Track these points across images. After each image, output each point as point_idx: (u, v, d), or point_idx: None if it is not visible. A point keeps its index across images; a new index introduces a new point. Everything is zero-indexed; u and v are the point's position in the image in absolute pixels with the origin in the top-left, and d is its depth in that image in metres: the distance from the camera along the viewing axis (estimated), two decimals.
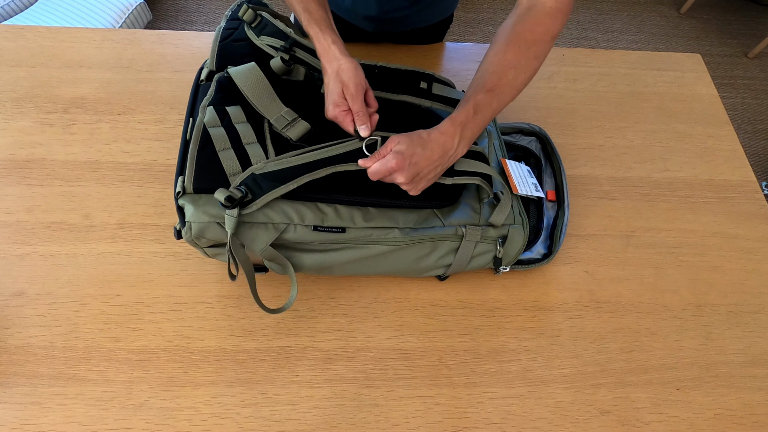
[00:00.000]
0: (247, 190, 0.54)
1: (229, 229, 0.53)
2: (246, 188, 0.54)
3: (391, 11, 0.84)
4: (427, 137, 0.55)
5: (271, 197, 0.54)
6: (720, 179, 0.84)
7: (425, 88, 0.69)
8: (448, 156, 0.56)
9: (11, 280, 0.66)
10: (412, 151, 0.53)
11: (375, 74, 0.68)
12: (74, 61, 0.87)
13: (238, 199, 0.53)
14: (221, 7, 2.17)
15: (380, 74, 0.69)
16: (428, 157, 0.54)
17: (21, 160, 0.75)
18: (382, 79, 0.68)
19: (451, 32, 2.19)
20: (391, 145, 0.55)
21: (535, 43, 0.59)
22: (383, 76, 0.69)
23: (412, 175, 0.54)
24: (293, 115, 0.61)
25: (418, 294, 0.69)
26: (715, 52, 2.26)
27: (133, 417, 0.58)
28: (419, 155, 0.54)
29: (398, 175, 0.54)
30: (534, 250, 0.72)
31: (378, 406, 0.61)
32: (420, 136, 0.55)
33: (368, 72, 0.68)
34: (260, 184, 0.55)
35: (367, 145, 0.58)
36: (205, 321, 0.65)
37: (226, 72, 0.64)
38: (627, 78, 0.95)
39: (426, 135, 0.55)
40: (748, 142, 1.98)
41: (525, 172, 0.72)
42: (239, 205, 0.53)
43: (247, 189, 0.54)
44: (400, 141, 0.54)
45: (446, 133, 0.56)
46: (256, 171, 0.55)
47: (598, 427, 0.62)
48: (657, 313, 0.70)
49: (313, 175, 0.55)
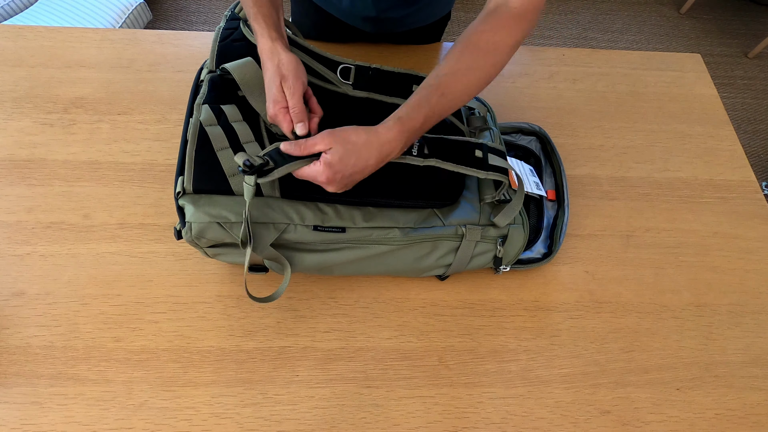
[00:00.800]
0: (269, 159, 0.52)
1: (248, 197, 0.52)
2: (269, 158, 0.52)
3: (388, 11, 0.84)
4: (365, 141, 0.51)
5: (291, 169, 0.52)
6: (720, 179, 0.84)
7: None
8: (384, 161, 0.53)
9: (11, 280, 0.66)
10: (345, 164, 0.51)
11: (369, 76, 0.68)
12: (74, 61, 0.87)
13: (258, 166, 0.50)
14: (221, 7, 2.17)
15: (373, 76, 0.69)
16: (362, 165, 0.51)
17: (21, 160, 0.75)
18: (375, 81, 0.68)
19: (450, 32, 2.19)
20: (320, 146, 0.51)
21: (492, 53, 0.57)
22: (376, 78, 0.69)
23: (341, 186, 0.53)
24: None
25: (418, 294, 0.69)
26: (715, 52, 2.26)
27: (133, 417, 0.58)
28: (352, 166, 0.51)
29: (326, 185, 0.52)
30: (534, 250, 0.72)
31: (378, 406, 0.61)
32: (355, 143, 0.51)
33: (362, 73, 0.68)
34: (283, 156, 0.52)
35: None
36: (205, 321, 0.65)
37: (219, 70, 0.64)
38: (627, 78, 0.95)
39: (365, 138, 0.52)
40: (748, 142, 1.98)
41: (527, 170, 0.72)
42: (257, 172, 0.51)
43: (271, 159, 0.52)
44: (332, 149, 0.50)
45: (391, 138, 0.52)
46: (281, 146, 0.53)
47: (598, 427, 0.62)
48: (657, 313, 0.70)
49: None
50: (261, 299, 0.60)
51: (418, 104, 0.54)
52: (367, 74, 0.69)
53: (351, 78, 0.67)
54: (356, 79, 0.67)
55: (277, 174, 0.52)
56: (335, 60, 0.68)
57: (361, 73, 0.68)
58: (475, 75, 0.57)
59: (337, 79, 0.67)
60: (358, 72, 0.68)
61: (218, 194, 0.57)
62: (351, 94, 0.67)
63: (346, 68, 0.68)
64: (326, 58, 0.67)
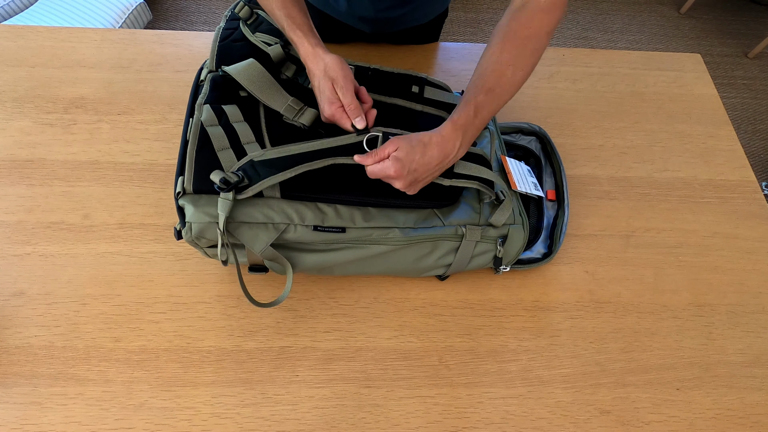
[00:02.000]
0: (244, 176, 0.54)
1: (222, 211, 0.53)
2: (243, 173, 0.54)
3: (386, 11, 0.84)
4: (427, 141, 0.55)
5: (268, 183, 0.54)
6: (720, 179, 0.84)
7: (416, 92, 0.69)
8: (448, 159, 0.56)
9: (11, 280, 0.66)
10: (411, 158, 0.53)
11: (368, 76, 0.68)
12: (74, 61, 0.87)
13: (233, 183, 0.53)
14: (221, 7, 2.17)
15: (373, 76, 0.69)
16: (427, 163, 0.54)
17: (21, 160, 0.75)
18: (374, 81, 0.68)
19: (450, 32, 2.19)
20: (389, 149, 0.54)
21: (531, 39, 0.59)
22: (376, 78, 0.69)
23: (409, 182, 0.55)
24: (300, 104, 0.62)
25: (418, 294, 0.69)
26: (715, 52, 2.26)
27: (133, 417, 0.58)
28: (418, 162, 0.54)
29: (395, 181, 0.54)
30: (534, 250, 0.72)
31: (378, 406, 0.61)
32: (420, 140, 0.55)
33: (361, 74, 0.69)
34: (258, 171, 0.55)
35: (368, 140, 0.58)
36: (205, 321, 0.65)
37: (221, 71, 0.64)
38: (627, 78, 0.95)
39: (427, 139, 0.55)
40: (748, 142, 1.98)
41: (525, 170, 0.72)
42: (234, 189, 0.53)
43: (245, 174, 0.54)
44: (399, 147, 0.54)
45: (447, 137, 0.56)
46: (255, 158, 0.55)
47: (598, 427, 0.62)
48: (657, 313, 0.70)
49: (311, 165, 0.55)
50: (264, 305, 0.60)
51: (465, 103, 0.58)
52: (367, 75, 0.69)
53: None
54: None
55: (256, 188, 0.54)
56: None
57: (361, 73, 0.68)
58: (518, 65, 0.59)
59: None
60: (357, 72, 0.68)
61: (218, 194, 0.56)
62: None
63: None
64: None
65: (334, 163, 0.56)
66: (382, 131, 0.58)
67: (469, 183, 0.60)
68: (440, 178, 0.59)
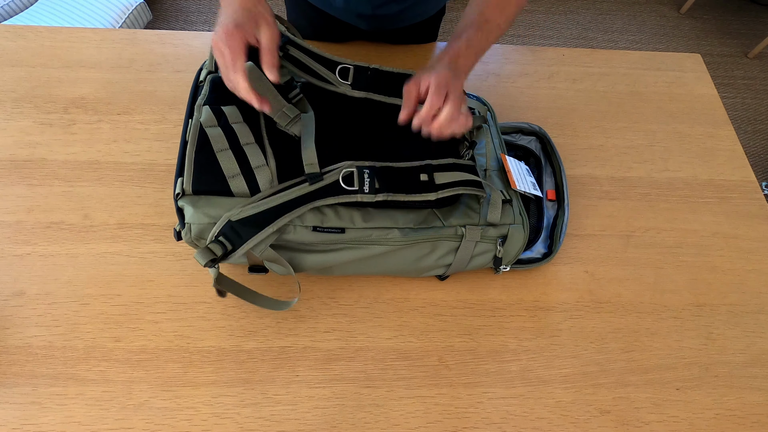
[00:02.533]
0: (225, 241, 0.54)
1: (213, 275, 0.57)
2: (225, 238, 0.54)
3: (383, 7, 0.84)
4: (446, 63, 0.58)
5: (249, 246, 0.54)
6: (720, 179, 0.84)
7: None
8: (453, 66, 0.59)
9: (11, 280, 0.66)
10: (447, 80, 0.55)
11: (367, 76, 0.68)
12: (74, 61, 0.87)
13: (220, 256, 0.53)
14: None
15: (373, 76, 0.69)
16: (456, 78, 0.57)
17: (21, 160, 0.75)
18: (374, 81, 0.68)
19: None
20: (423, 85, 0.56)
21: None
22: (376, 78, 0.69)
23: (458, 101, 0.55)
24: (295, 111, 0.61)
25: (418, 294, 0.69)
26: (715, 52, 2.26)
27: (133, 417, 0.58)
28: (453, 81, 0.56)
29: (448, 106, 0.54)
30: (534, 250, 0.72)
31: (378, 406, 0.61)
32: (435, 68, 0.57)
33: (360, 73, 0.68)
34: (238, 232, 0.54)
35: (344, 177, 0.58)
36: (205, 321, 0.65)
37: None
38: (627, 78, 0.95)
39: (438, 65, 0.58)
40: (748, 142, 1.98)
41: (524, 170, 0.72)
42: (223, 258, 0.54)
43: (226, 239, 0.54)
44: (432, 77, 0.55)
45: (442, 60, 0.59)
46: (233, 218, 0.54)
47: (598, 427, 0.62)
48: (657, 313, 0.70)
49: (292, 214, 0.55)
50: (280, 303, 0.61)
51: (456, 37, 0.62)
52: (366, 74, 0.68)
53: (350, 78, 0.67)
54: (355, 79, 0.67)
55: (240, 252, 0.54)
56: (334, 60, 0.68)
57: (360, 73, 0.68)
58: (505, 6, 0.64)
59: (336, 79, 0.67)
60: (356, 72, 0.68)
61: (217, 195, 0.57)
62: (349, 94, 0.67)
63: (345, 68, 0.68)
64: (325, 58, 0.67)
65: (314, 207, 0.56)
66: (355, 166, 0.58)
67: (455, 190, 0.60)
68: (426, 194, 0.59)
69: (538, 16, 2.31)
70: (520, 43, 2.19)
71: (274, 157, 0.59)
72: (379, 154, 0.61)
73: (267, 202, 0.55)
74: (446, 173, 0.61)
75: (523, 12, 2.31)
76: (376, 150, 0.62)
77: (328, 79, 0.66)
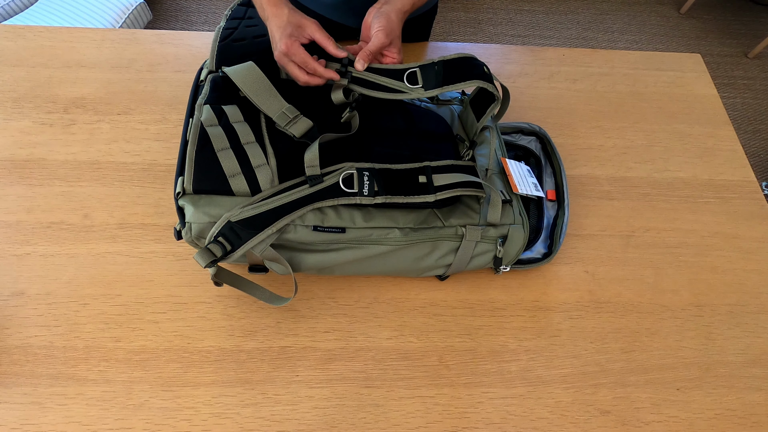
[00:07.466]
0: (224, 241, 0.54)
1: (212, 272, 0.56)
2: (224, 239, 0.54)
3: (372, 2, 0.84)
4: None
5: (250, 246, 0.54)
6: (720, 179, 0.84)
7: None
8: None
9: (11, 280, 0.66)
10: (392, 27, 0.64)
11: (435, 71, 0.65)
12: (74, 61, 0.87)
13: (219, 257, 0.54)
14: (221, 7, 2.17)
15: (439, 70, 0.66)
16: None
17: (21, 160, 0.75)
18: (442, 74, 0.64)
19: (450, 32, 2.19)
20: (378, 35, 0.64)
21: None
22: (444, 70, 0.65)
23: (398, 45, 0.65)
24: (295, 112, 0.61)
25: (418, 294, 0.69)
26: (715, 52, 2.26)
27: (133, 417, 0.58)
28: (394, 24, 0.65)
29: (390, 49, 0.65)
30: (534, 250, 0.72)
31: (378, 406, 0.61)
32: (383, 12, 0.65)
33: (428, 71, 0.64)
34: (238, 234, 0.54)
35: (344, 178, 0.58)
36: (205, 321, 0.65)
37: (221, 71, 0.64)
38: (627, 78, 0.95)
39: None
40: (748, 142, 1.98)
41: (525, 171, 0.72)
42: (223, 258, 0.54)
43: (225, 239, 0.54)
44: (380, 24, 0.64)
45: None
46: (233, 218, 0.54)
47: (598, 427, 0.62)
48: (657, 313, 0.70)
49: (291, 216, 0.55)
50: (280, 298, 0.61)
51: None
52: (434, 70, 0.64)
53: (419, 80, 0.64)
54: (425, 80, 0.64)
55: (239, 253, 0.54)
56: (398, 69, 0.65)
57: (427, 71, 0.65)
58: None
59: (406, 86, 0.64)
60: (423, 71, 0.65)
61: (218, 195, 0.57)
62: (425, 95, 0.63)
63: (412, 72, 0.65)
64: (389, 70, 0.65)
65: (313, 209, 0.56)
66: (355, 168, 0.58)
67: (454, 192, 0.60)
68: (425, 196, 0.59)
69: (538, 16, 2.31)
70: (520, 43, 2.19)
71: (274, 155, 0.59)
72: (379, 155, 0.61)
73: (267, 203, 0.55)
74: (445, 175, 0.61)
75: (523, 12, 2.31)
76: (376, 150, 0.62)
77: (398, 89, 0.64)
